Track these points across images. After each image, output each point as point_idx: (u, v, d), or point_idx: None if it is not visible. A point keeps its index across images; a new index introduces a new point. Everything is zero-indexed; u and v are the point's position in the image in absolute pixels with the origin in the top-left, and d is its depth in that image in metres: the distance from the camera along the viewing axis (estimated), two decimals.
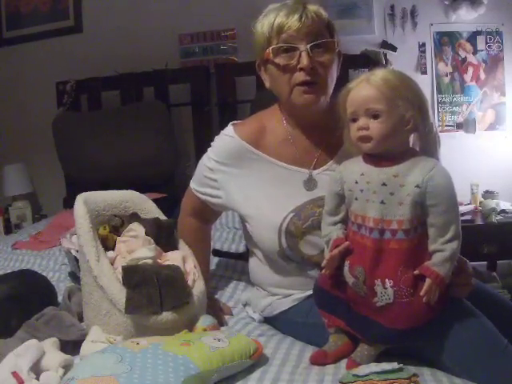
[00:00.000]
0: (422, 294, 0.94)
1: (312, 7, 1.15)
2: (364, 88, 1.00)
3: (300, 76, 1.14)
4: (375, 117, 0.98)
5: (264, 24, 1.18)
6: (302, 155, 1.24)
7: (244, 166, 1.24)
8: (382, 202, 0.97)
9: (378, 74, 1.00)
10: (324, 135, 1.23)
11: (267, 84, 1.24)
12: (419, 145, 1.02)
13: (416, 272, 0.96)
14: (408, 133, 1.00)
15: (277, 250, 1.19)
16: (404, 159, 0.98)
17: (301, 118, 1.23)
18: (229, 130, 1.28)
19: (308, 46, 1.13)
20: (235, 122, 1.31)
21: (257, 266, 1.32)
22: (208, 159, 1.30)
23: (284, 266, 1.22)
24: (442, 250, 0.95)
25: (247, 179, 1.24)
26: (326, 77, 1.16)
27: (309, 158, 1.24)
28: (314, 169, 1.23)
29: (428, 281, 0.94)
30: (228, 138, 1.26)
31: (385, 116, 0.97)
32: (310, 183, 1.22)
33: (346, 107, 1.03)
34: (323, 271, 1.06)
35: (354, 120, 1.01)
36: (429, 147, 1.02)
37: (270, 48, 1.16)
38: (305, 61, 1.13)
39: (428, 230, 0.97)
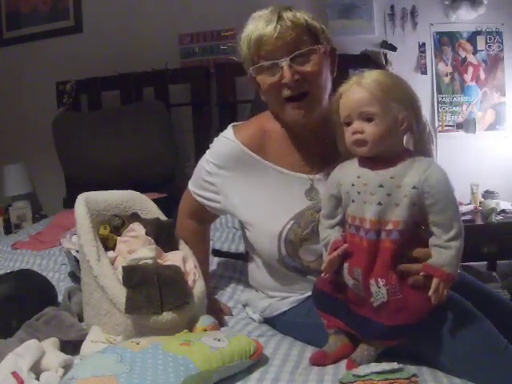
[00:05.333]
0: (430, 293, 0.94)
1: (288, 14, 1.09)
2: (356, 91, 0.99)
3: (286, 92, 1.11)
4: (369, 120, 0.98)
5: (244, 40, 1.14)
6: (302, 160, 1.21)
7: (244, 170, 1.21)
8: (379, 204, 0.97)
9: (369, 76, 0.99)
10: (324, 139, 1.19)
11: (263, 97, 1.20)
12: (413, 144, 1.02)
13: (422, 274, 0.96)
14: (402, 133, 1.00)
15: (276, 258, 1.18)
16: (399, 161, 0.98)
17: (299, 126, 1.19)
18: (229, 132, 1.23)
19: (288, 58, 1.08)
20: (235, 123, 1.27)
21: (255, 270, 1.31)
22: (207, 162, 1.25)
23: (283, 272, 1.21)
24: (446, 248, 0.95)
25: (247, 184, 1.21)
26: (316, 84, 1.12)
27: (309, 162, 1.21)
28: (316, 173, 1.20)
29: (435, 280, 0.94)
30: (228, 142, 1.21)
31: (379, 119, 0.97)
32: (312, 193, 1.19)
33: (338, 111, 1.02)
34: (323, 275, 1.05)
35: (348, 124, 1.01)
36: (423, 146, 1.02)
37: (251, 69, 1.14)
38: (287, 76, 1.08)
39: (431, 228, 0.97)
